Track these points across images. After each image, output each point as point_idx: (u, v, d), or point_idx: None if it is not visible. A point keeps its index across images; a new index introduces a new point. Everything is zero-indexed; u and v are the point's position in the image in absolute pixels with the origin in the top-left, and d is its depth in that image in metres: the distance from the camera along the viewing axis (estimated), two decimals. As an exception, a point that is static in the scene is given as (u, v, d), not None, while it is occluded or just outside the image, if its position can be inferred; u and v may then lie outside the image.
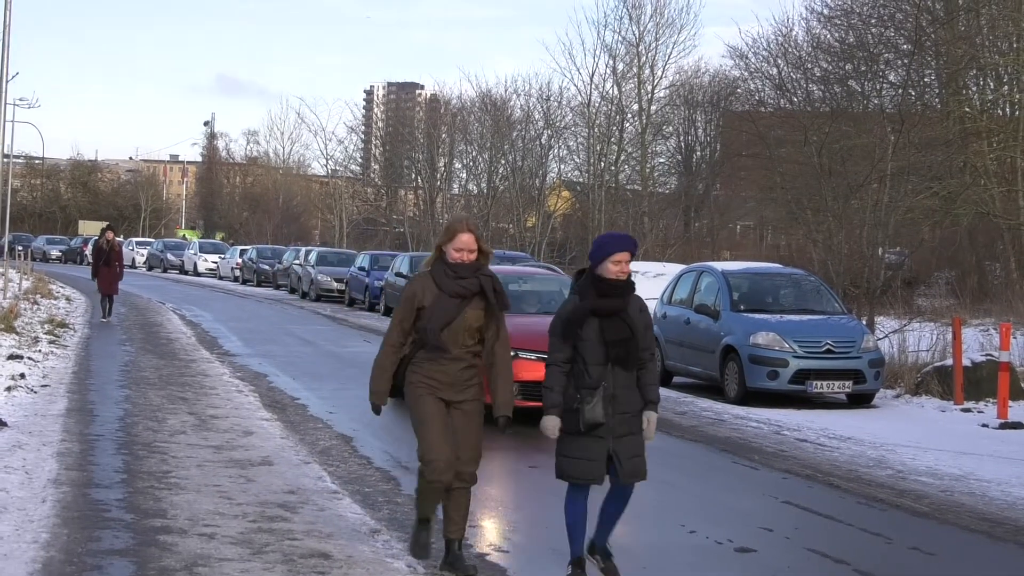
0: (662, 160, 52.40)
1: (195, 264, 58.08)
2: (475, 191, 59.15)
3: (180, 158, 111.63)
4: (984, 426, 14.58)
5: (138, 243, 68.30)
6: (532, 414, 12.45)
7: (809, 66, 33.32)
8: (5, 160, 27.07)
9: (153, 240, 71.03)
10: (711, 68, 52.49)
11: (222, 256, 56.82)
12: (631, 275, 6.95)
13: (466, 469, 7.10)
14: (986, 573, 8.23)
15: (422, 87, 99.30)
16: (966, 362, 16.42)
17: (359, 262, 36.95)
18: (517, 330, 11.47)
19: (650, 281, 21.74)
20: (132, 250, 63.18)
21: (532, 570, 7.57)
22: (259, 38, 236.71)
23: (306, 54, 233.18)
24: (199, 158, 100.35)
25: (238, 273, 51.72)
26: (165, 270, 60.84)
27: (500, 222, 54.62)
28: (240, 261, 52.29)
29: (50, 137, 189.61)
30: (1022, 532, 9.13)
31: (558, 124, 53.56)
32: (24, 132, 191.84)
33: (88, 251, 44.69)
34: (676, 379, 18.21)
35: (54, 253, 70.12)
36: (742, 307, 17.24)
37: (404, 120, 74.65)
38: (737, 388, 16.36)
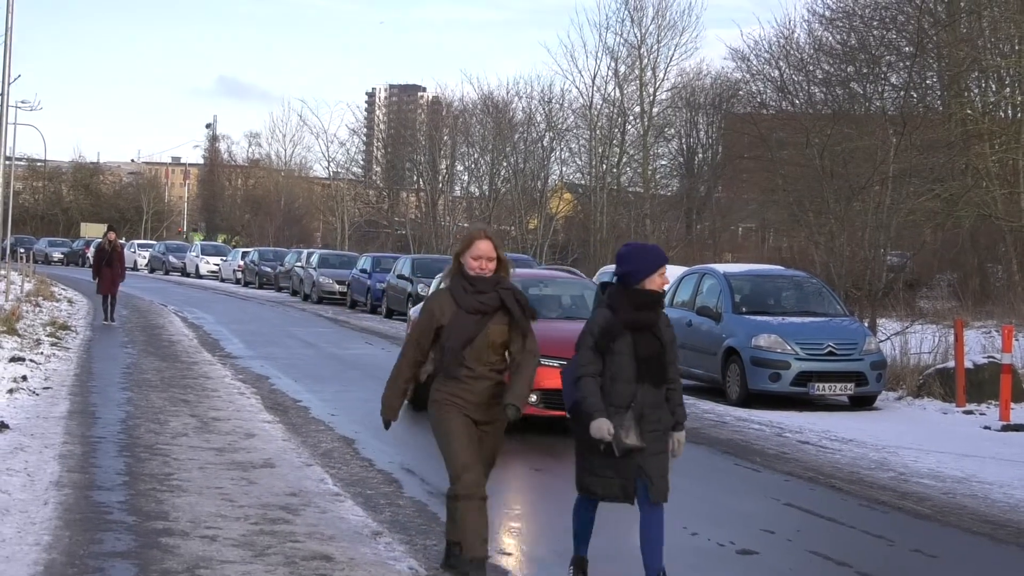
0: (664, 162, 52.46)
1: (197, 266, 58.15)
2: (477, 193, 59.17)
3: (182, 160, 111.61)
4: (986, 428, 14.57)
5: (140, 245, 68.41)
6: (553, 424, 12.50)
7: (811, 68, 33.31)
8: (7, 162, 27.09)
9: (155, 242, 71.11)
10: (713, 70, 52.74)
11: (224, 258, 56.91)
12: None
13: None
14: (988, 575, 8.23)
15: (424, 89, 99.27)
16: (968, 364, 16.42)
17: (361, 264, 36.98)
18: (539, 336, 11.05)
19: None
20: (134, 252, 63.27)
21: (535, 572, 7.57)
22: (261, 40, 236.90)
23: (308, 56, 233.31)
24: (201, 160, 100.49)
25: (240, 275, 51.78)
26: (167, 272, 60.92)
27: (502, 224, 54.59)
28: (242, 263, 52.36)
29: (52, 140, 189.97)
30: (1024, 534, 9.13)
31: (560, 126, 53.60)
32: (26, 135, 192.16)
33: (90, 253, 44.74)
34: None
35: (56, 255, 70.18)
36: (744, 309, 17.24)
37: (406, 122, 74.64)
38: (739, 390, 16.37)
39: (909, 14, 30.17)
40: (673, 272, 23.65)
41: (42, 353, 18.05)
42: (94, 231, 71.82)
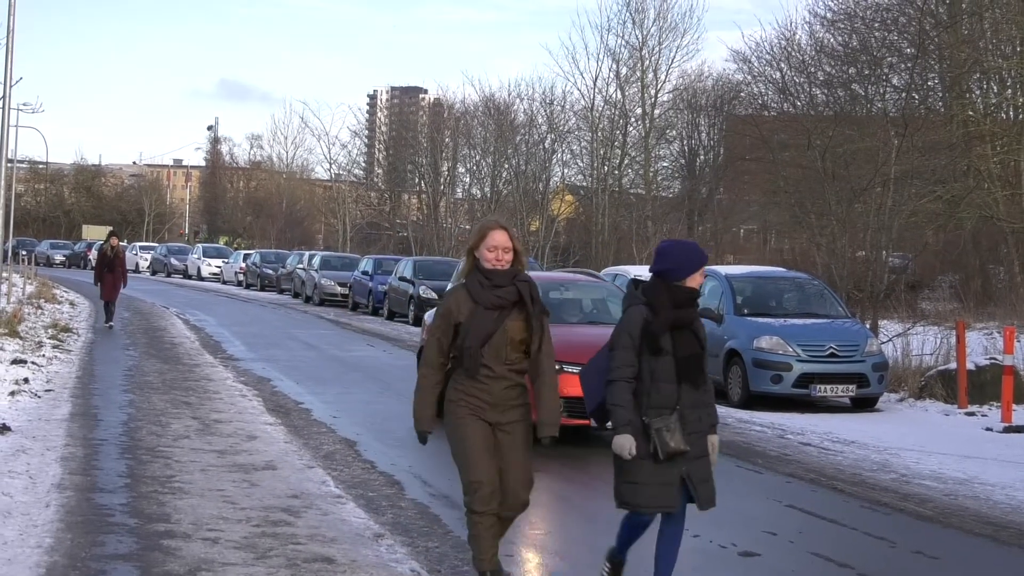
0: (665, 164, 52.39)
1: (199, 268, 58.17)
2: (478, 195, 59.14)
3: (184, 163, 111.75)
4: (988, 430, 14.56)
5: (141, 247, 68.46)
6: (578, 433, 12.36)
7: (812, 70, 33.27)
8: (9, 165, 27.09)
9: (157, 245, 71.16)
10: (714, 72, 52.58)
11: (225, 260, 56.94)
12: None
13: (518, 498, 6.60)
14: (990, 577, 8.24)
15: (425, 91, 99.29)
16: (970, 366, 16.41)
17: (362, 266, 37.00)
18: (560, 341, 10.35)
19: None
20: (136, 255, 63.31)
21: None
22: (262, 42, 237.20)
23: (309, 58, 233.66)
24: (203, 163, 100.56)
25: (241, 278, 51.80)
26: (168, 274, 60.94)
27: (503, 226, 54.58)
28: (243, 266, 52.38)
29: (54, 142, 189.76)
30: (1026, 536, 9.13)
31: (561, 128, 53.54)
32: (28, 137, 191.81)
33: (92, 256, 44.76)
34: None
35: (58, 258, 70.23)
36: (746, 311, 17.23)
37: (407, 124, 74.61)
38: (741, 392, 16.36)
39: (910, 16, 30.17)
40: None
41: (44, 355, 18.06)
42: (96, 233, 71.85)
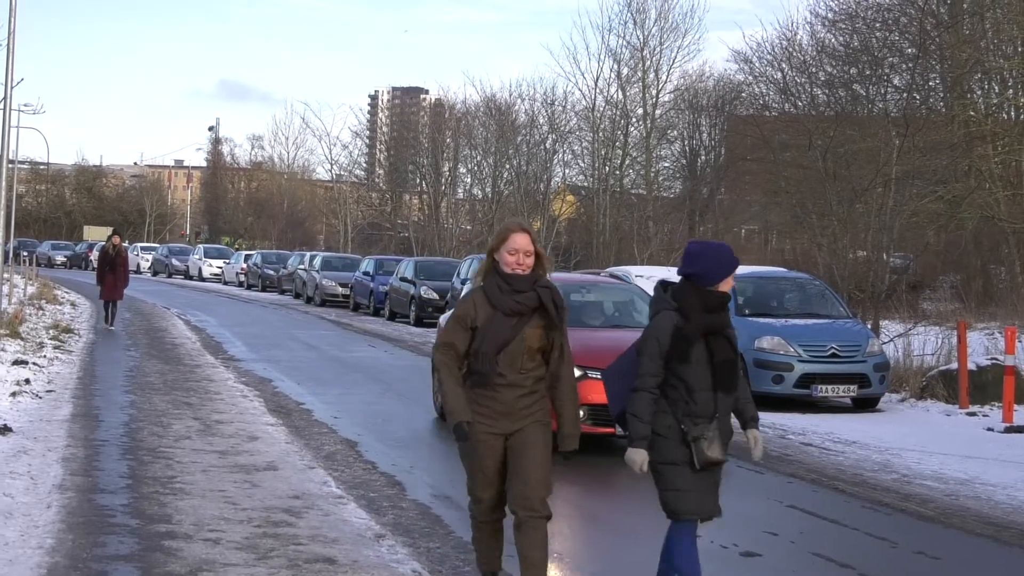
0: (666, 164, 52.38)
1: (200, 269, 58.18)
2: (479, 196, 59.17)
3: (185, 163, 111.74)
4: (989, 430, 14.56)
5: (143, 248, 68.48)
6: (603, 442, 12.19)
7: (813, 70, 33.28)
8: (10, 166, 27.07)
9: (158, 245, 71.17)
10: (715, 72, 52.38)
11: (227, 261, 56.95)
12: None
13: (534, 495, 6.27)
14: (992, 577, 8.24)
15: (427, 92, 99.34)
16: (971, 366, 16.41)
17: (364, 267, 37.01)
18: (582, 346, 10.25)
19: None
20: (137, 255, 63.32)
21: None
22: (263, 43, 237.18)
23: (310, 59, 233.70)
24: (204, 163, 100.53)
25: (243, 278, 51.81)
26: (170, 275, 60.96)
27: (505, 227, 54.61)
28: (245, 266, 52.39)
29: (55, 143, 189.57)
30: (1028, 536, 9.12)
31: (562, 128, 53.56)
32: (29, 138, 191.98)
33: (93, 256, 44.76)
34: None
35: (59, 259, 70.24)
36: (747, 311, 17.22)
37: (409, 125, 74.66)
38: (742, 392, 16.33)
39: (911, 16, 30.17)
40: (675, 274, 23.67)
41: (45, 356, 18.06)
42: (97, 234, 71.83)
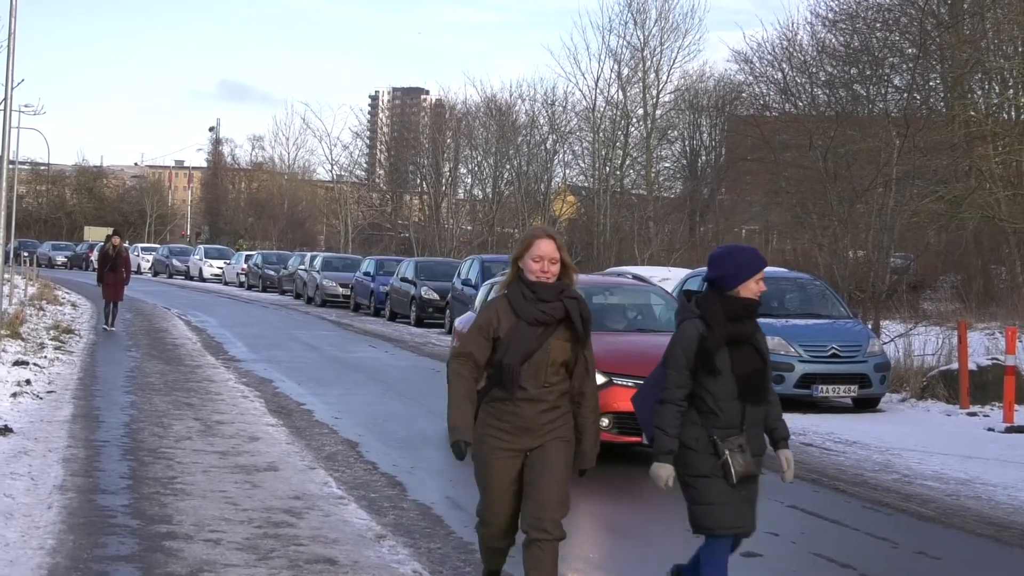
0: (667, 164, 52.38)
1: (200, 270, 58.18)
2: (480, 196, 59.19)
3: (185, 164, 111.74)
4: (990, 430, 14.56)
5: (143, 249, 68.46)
6: (628, 451, 11.93)
7: (814, 70, 33.25)
8: (11, 166, 27.04)
9: (159, 246, 71.16)
10: (716, 73, 52.33)
11: (227, 261, 56.95)
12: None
13: (547, 516, 5.95)
14: (992, 578, 8.24)
15: (427, 92, 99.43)
16: (972, 366, 16.41)
17: (364, 267, 37.01)
18: (608, 351, 10.08)
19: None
20: (137, 256, 63.32)
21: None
22: (263, 43, 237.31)
23: (310, 59, 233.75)
24: (204, 164, 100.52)
25: (243, 279, 51.81)
26: (170, 276, 60.97)
27: (505, 227, 54.59)
28: (245, 267, 52.39)
29: (55, 143, 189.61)
30: (1028, 536, 9.12)
31: (563, 129, 53.57)
32: (30, 138, 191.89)
33: (94, 257, 44.76)
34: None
35: (60, 259, 70.27)
36: (748, 312, 17.19)
37: (409, 125, 74.67)
38: (742, 393, 16.32)
39: (912, 16, 30.14)
40: (676, 275, 23.68)
41: (45, 357, 18.06)
42: (97, 235, 71.73)
